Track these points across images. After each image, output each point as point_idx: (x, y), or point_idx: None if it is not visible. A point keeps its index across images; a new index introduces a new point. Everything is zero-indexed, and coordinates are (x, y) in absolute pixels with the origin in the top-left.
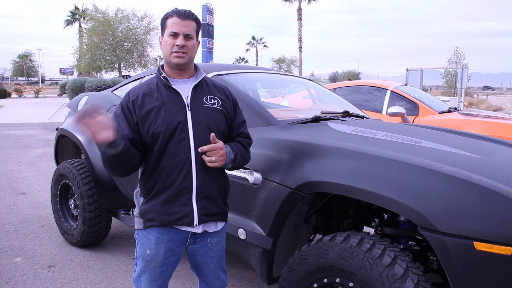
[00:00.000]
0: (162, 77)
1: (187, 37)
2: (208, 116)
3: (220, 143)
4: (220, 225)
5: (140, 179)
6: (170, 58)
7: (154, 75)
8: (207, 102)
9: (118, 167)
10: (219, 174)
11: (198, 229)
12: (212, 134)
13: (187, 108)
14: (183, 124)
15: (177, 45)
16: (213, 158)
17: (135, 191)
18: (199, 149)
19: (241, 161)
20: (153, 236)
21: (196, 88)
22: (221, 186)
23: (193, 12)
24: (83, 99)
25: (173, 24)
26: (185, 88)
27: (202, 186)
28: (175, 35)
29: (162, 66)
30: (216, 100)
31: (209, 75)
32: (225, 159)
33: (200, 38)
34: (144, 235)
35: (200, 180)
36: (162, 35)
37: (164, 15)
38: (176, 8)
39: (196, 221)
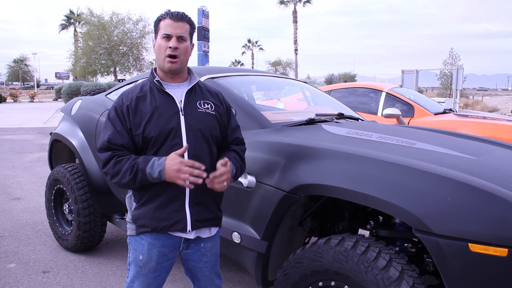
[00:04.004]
0: (156, 80)
1: (180, 39)
2: (202, 121)
3: (228, 165)
4: (214, 230)
5: None
6: (164, 63)
7: (148, 77)
8: (201, 107)
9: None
10: None
11: (191, 235)
12: (226, 159)
13: (180, 113)
14: (176, 129)
15: (169, 47)
16: (225, 183)
17: (127, 196)
18: (211, 176)
19: (239, 173)
20: (145, 241)
21: (189, 93)
22: (214, 192)
23: (187, 14)
24: (77, 103)
25: (166, 26)
26: (178, 92)
27: (195, 192)
28: (168, 37)
29: (155, 69)
30: (209, 105)
31: (203, 78)
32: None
33: (195, 41)
34: (137, 241)
35: (193, 186)
36: (156, 38)
37: (157, 18)
38: (169, 10)
39: (189, 227)
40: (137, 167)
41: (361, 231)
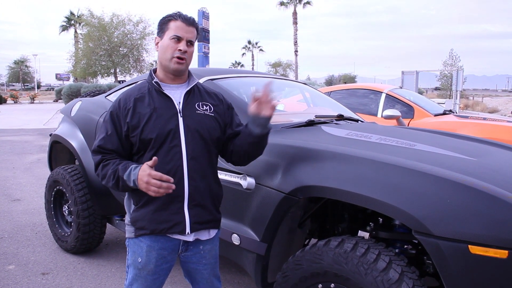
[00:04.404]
0: (154, 82)
1: (189, 43)
2: (200, 123)
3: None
4: (213, 233)
5: None
6: (170, 63)
7: (146, 79)
8: (199, 108)
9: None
10: (211, 181)
11: (190, 238)
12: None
13: (179, 115)
14: (175, 131)
15: (179, 49)
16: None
17: (125, 197)
18: (260, 91)
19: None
20: (144, 244)
21: (188, 94)
22: (213, 194)
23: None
24: (77, 105)
25: (177, 28)
26: (177, 94)
27: (194, 194)
28: (178, 39)
29: (154, 70)
30: (208, 107)
31: (202, 80)
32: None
33: (195, 44)
34: (136, 243)
35: (192, 188)
36: (160, 36)
37: (167, 17)
38: (180, 12)
39: (188, 230)
40: (117, 174)
41: (360, 233)
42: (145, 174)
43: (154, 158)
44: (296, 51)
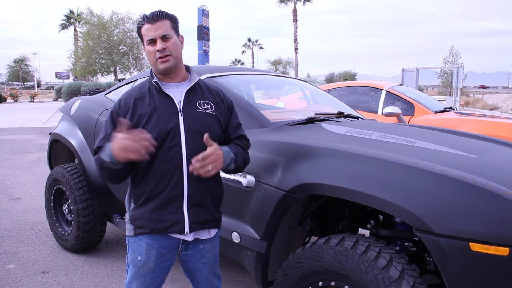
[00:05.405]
0: (154, 81)
1: (164, 38)
2: (201, 122)
3: (214, 146)
4: (213, 232)
5: (130, 184)
6: (157, 66)
7: (147, 78)
8: (200, 107)
9: (117, 177)
10: (212, 181)
11: (189, 237)
12: (206, 135)
13: (179, 114)
14: (175, 130)
15: (158, 50)
16: (209, 167)
17: (126, 195)
18: (193, 160)
19: (241, 161)
20: (144, 242)
21: (189, 93)
22: (213, 193)
23: (163, 11)
24: (76, 103)
25: (147, 31)
26: (177, 93)
27: (193, 193)
28: (152, 41)
29: None
30: (209, 105)
31: (202, 77)
32: (223, 162)
33: (195, 40)
34: (135, 241)
35: (192, 187)
36: (143, 45)
37: (137, 26)
38: (145, 14)
39: (187, 229)
40: (98, 157)
41: (361, 231)
42: (116, 141)
43: (123, 120)
44: (296, 48)
